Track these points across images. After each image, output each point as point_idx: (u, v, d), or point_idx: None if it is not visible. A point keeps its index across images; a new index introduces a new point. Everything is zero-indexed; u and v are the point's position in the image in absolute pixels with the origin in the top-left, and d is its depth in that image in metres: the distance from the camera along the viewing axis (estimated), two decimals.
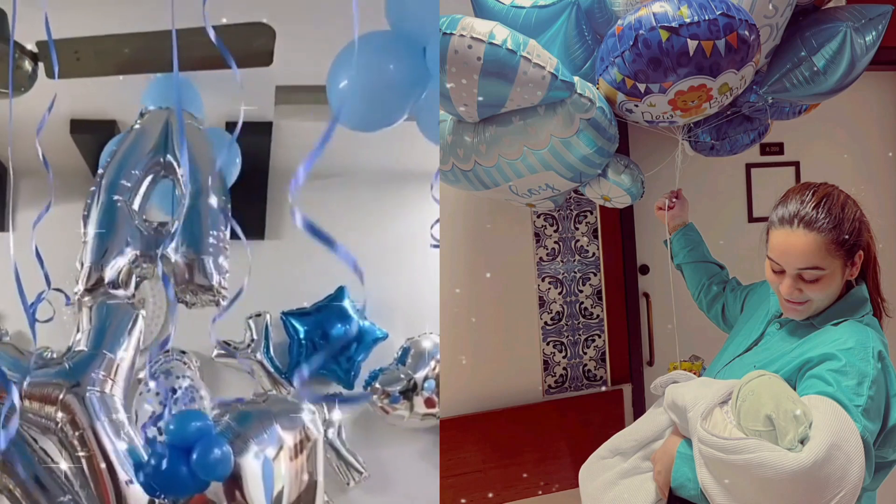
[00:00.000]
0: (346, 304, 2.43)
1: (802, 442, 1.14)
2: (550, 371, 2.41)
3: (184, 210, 1.56)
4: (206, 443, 1.37)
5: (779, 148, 2.64)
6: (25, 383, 1.39)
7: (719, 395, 1.30)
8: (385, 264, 2.43)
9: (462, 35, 1.50)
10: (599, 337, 2.45)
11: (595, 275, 2.44)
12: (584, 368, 2.44)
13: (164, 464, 1.33)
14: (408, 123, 1.68)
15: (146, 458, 1.34)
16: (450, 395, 2.28)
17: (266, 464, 1.46)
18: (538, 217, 2.37)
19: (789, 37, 1.65)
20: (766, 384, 1.26)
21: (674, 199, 1.93)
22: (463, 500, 2.24)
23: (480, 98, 1.57)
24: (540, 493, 2.32)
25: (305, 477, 1.56)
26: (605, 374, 2.46)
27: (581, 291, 2.43)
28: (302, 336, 2.40)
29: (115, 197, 1.64)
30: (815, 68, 1.62)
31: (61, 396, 1.39)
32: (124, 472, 1.40)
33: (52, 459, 1.41)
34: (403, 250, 2.52)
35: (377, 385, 2.33)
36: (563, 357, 2.42)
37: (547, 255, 2.39)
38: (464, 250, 2.32)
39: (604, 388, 2.44)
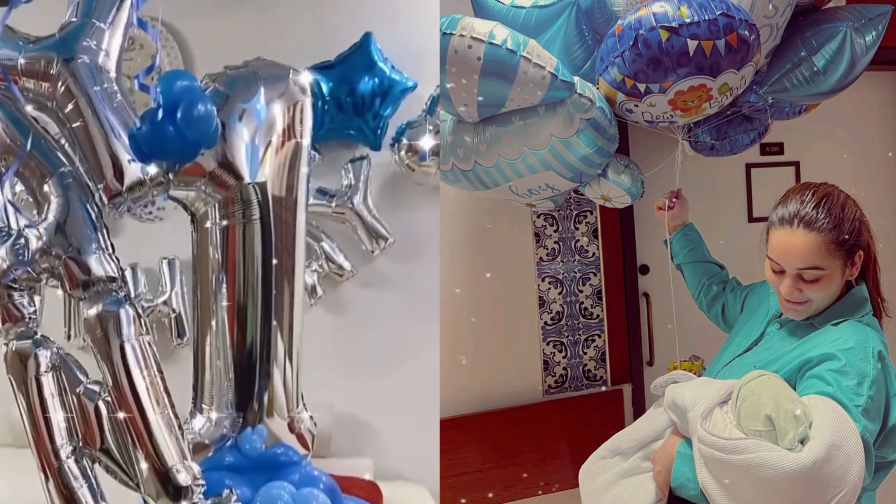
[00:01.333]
0: (374, 52, 2.15)
1: (802, 442, 1.14)
2: (550, 371, 2.41)
3: None
4: (190, 99, 1.40)
5: (779, 148, 2.64)
6: (21, 59, 1.40)
7: (719, 395, 1.30)
8: (405, 9, 2.21)
9: (462, 35, 1.50)
10: (599, 337, 2.45)
11: (595, 275, 2.44)
12: (584, 368, 2.44)
13: (152, 124, 1.37)
14: None
15: (137, 125, 1.39)
16: (450, 395, 2.28)
17: (251, 123, 1.49)
18: (538, 217, 2.37)
19: (789, 37, 1.66)
20: (766, 384, 1.26)
21: (674, 199, 1.93)
22: (463, 500, 2.24)
23: (480, 98, 1.57)
24: (540, 493, 2.32)
25: (291, 140, 1.58)
26: (605, 374, 2.46)
27: (581, 291, 2.43)
28: (326, 93, 2.12)
29: None
30: (815, 68, 1.62)
31: (53, 69, 1.40)
32: (118, 142, 1.41)
33: (48, 132, 1.42)
34: None
35: (405, 140, 2.09)
36: (563, 357, 2.42)
37: (547, 255, 2.39)
38: (464, 250, 2.33)
39: (604, 388, 2.44)
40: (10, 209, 1.41)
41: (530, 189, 1.78)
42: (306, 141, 1.60)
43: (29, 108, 1.41)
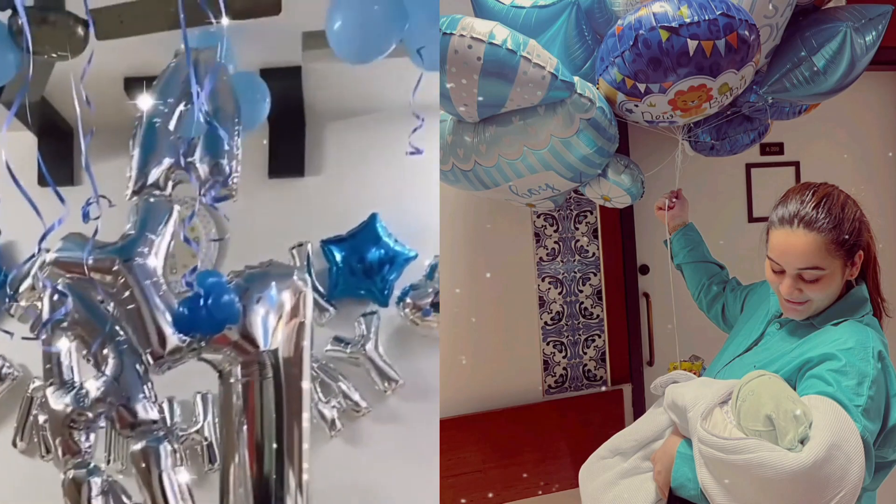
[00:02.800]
0: (379, 229, 2.57)
1: (802, 442, 1.14)
2: (550, 371, 2.41)
3: (203, 129, 2.01)
4: (218, 291, 1.89)
5: (779, 148, 2.64)
6: (90, 259, 1.85)
7: (719, 395, 1.30)
8: (408, 192, 2.58)
9: (462, 35, 1.50)
10: (599, 337, 2.45)
11: (595, 275, 2.44)
12: (584, 368, 2.44)
13: (190, 307, 1.87)
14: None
15: (178, 307, 1.88)
16: (450, 395, 2.29)
17: (265, 309, 1.96)
18: (538, 217, 2.37)
19: (789, 37, 1.65)
20: (766, 384, 1.26)
21: (674, 199, 1.93)
22: (463, 500, 2.24)
23: (480, 98, 1.57)
24: (540, 493, 2.32)
25: (295, 320, 2.00)
26: (605, 374, 2.46)
27: (581, 291, 2.43)
28: (339, 261, 2.55)
29: (155, 120, 2.03)
30: (815, 68, 1.62)
31: (115, 266, 1.87)
32: (163, 319, 1.86)
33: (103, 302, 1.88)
34: (421, 176, 2.64)
35: (409, 300, 2.44)
36: (563, 357, 2.42)
37: (547, 255, 2.39)
38: (464, 250, 2.33)
39: (604, 388, 2.44)
40: (75, 366, 1.88)
41: (530, 189, 1.78)
42: (308, 320, 2.03)
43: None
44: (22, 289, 2.40)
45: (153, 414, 1.87)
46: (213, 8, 1.69)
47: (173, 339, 1.87)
